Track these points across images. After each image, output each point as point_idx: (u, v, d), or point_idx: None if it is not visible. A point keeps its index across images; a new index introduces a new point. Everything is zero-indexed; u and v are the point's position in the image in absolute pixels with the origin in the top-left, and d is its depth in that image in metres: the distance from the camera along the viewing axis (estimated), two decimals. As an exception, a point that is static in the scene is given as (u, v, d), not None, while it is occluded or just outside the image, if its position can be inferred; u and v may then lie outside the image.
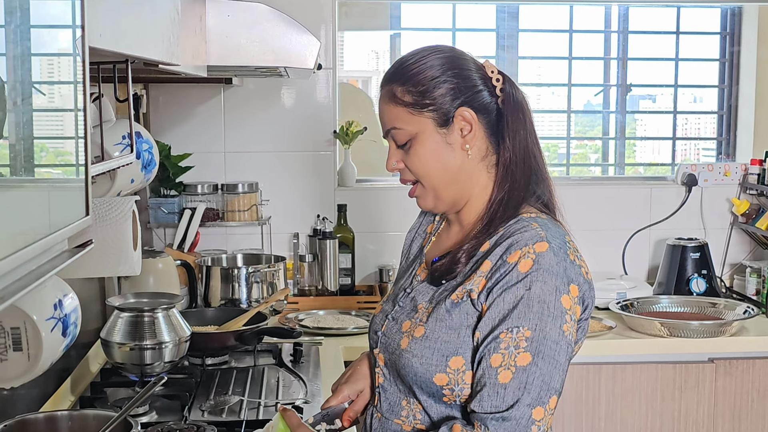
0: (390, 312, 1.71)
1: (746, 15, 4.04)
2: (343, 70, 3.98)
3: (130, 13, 1.43)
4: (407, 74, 1.63)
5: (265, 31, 2.14)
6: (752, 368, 3.16)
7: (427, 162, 1.62)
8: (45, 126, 1.10)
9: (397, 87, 1.63)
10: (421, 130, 1.61)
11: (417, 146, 1.62)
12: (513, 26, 3.96)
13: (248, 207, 3.56)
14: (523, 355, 1.48)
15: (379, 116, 1.70)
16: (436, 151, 1.62)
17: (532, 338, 1.48)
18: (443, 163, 1.62)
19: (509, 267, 1.52)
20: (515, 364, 1.48)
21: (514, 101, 1.65)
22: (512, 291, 1.51)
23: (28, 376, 1.65)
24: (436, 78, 1.61)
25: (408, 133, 1.62)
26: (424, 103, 1.61)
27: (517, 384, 1.47)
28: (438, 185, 1.64)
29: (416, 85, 1.61)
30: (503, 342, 1.49)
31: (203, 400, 2.39)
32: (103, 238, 1.88)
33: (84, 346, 2.65)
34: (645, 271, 3.85)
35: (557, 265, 1.52)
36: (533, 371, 1.48)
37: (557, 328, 1.50)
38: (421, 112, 1.61)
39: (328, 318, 3.28)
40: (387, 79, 1.66)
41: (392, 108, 1.63)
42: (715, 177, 3.82)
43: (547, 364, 1.49)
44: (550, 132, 4.16)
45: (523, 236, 1.55)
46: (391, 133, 1.65)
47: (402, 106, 1.62)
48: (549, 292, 1.50)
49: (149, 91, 3.52)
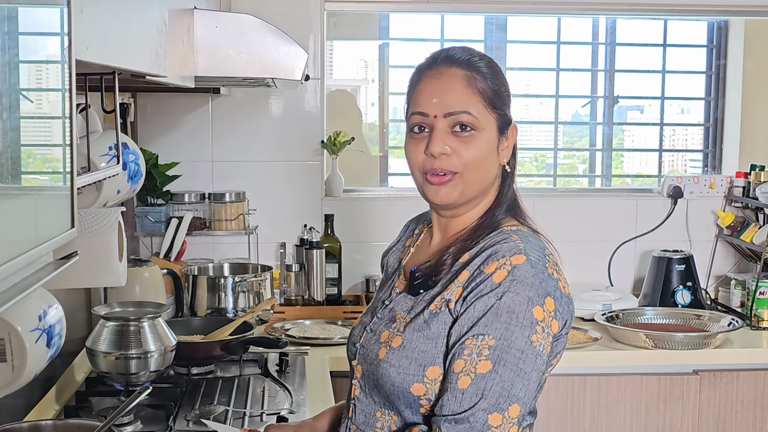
0: (368, 324, 1.71)
1: (732, 28, 4.07)
2: (332, 78, 3.99)
3: (117, 25, 1.43)
4: (491, 70, 1.64)
5: (253, 43, 2.15)
6: (737, 380, 3.17)
7: (480, 158, 1.62)
8: (32, 133, 1.10)
9: (478, 76, 1.62)
10: (487, 128, 1.62)
11: (479, 139, 1.61)
12: (501, 37, 3.98)
13: (235, 216, 3.56)
14: (483, 362, 1.48)
15: (436, 92, 1.61)
16: (489, 152, 1.63)
17: (495, 347, 1.49)
18: (488, 166, 1.64)
19: (485, 277, 1.53)
20: (475, 371, 1.48)
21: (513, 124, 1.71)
22: (483, 300, 1.51)
23: (12, 387, 1.65)
24: (504, 86, 1.66)
25: (477, 123, 1.61)
26: (498, 104, 1.63)
27: (474, 390, 1.48)
28: (473, 183, 1.63)
29: (497, 84, 1.64)
30: (467, 348, 1.50)
31: (188, 409, 2.39)
32: (88, 249, 1.88)
33: (69, 355, 2.64)
34: (630, 283, 3.86)
35: (533, 277, 1.52)
36: (492, 378, 1.48)
37: (524, 337, 1.49)
38: (492, 111, 1.63)
39: (315, 328, 3.28)
40: (465, 63, 1.63)
41: (470, 93, 1.61)
42: (700, 189, 3.84)
43: (509, 372, 1.48)
44: (538, 143, 4.18)
45: (502, 247, 1.56)
46: (459, 116, 1.60)
47: (480, 96, 1.61)
48: (520, 303, 1.50)
49: (137, 100, 3.52)
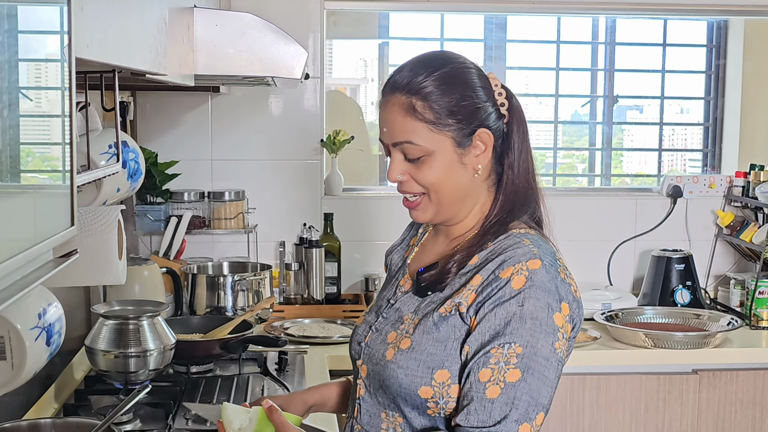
0: (374, 323, 1.70)
1: (732, 28, 4.06)
2: (332, 78, 3.98)
3: (117, 23, 1.43)
4: (439, 86, 1.55)
5: (253, 41, 2.15)
6: (736, 380, 3.17)
7: (440, 179, 1.57)
8: (32, 131, 1.10)
9: (418, 101, 1.54)
10: (439, 149, 1.56)
11: (431, 162, 1.56)
12: (501, 37, 3.98)
13: (235, 215, 3.55)
14: (512, 371, 1.47)
15: (384, 122, 1.59)
16: (449, 169, 1.57)
17: (522, 354, 1.47)
18: (454, 181, 1.58)
19: (501, 282, 1.51)
20: (504, 380, 1.47)
21: (518, 117, 1.63)
22: (504, 307, 1.49)
23: (11, 385, 1.65)
24: (463, 96, 1.56)
25: (423, 150, 1.55)
26: (446, 123, 1.55)
27: (504, 399, 1.46)
28: (445, 201, 1.60)
29: (440, 102, 1.54)
30: (493, 357, 1.48)
31: (187, 408, 2.39)
32: (88, 248, 1.87)
33: (68, 353, 2.64)
34: (630, 282, 3.86)
35: (549, 282, 1.51)
36: (522, 387, 1.46)
37: (549, 345, 1.49)
38: (442, 131, 1.55)
39: (314, 327, 3.28)
40: (405, 87, 1.56)
41: (409, 121, 1.55)
42: (700, 189, 3.83)
43: (537, 381, 1.48)
44: (538, 142, 4.18)
45: (516, 252, 1.54)
46: (403, 146, 1.57)
47: (422, 122, 1.54)
48: (541, 309, 1.49)
49: (137, 98, 3.52)
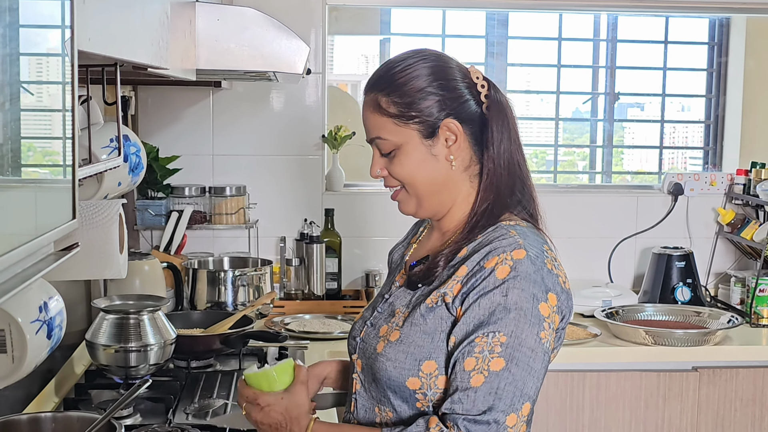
0: (369, 318, 1.72)
1: (734, 26, 4.06)
2: (333, 74, 3.98)
3: (119, 17, 1.43)
4: (393, 84, 1.60)
5: (255, 36, 2.14)
6: (736, 377, 3.17)
7: (412, 172, 1.62)
8: (33, 126, 1.10)
9: (382, 97, 1.61)
10: (406, 141, 1.60)
11: (402, 156, 1.61)
12: (502, 33, 3.97)
13: (236, 210, 3.55)
14: (497, 359, 1.48)
15: (363, 122, 1.68)
16: (421, 161, 1.61)
17: (507, 344, 1.48)
18: (428, 173, 1.62)
19: (486, 272, 1.52)
20: (488, 369, 1.48)
21: (498, 109, 1.63)
22: (489, 297, 1.51)
23: (12, 378, 1.65)
24: (422, 89, 1.59)
25: (392, 144, 1.61)
26: (409, 115, 1.59)
27: (488, 388, 1.47)
28: (422, 194, 1.64)
29: (402, 96, 1.60)
30: (477, 346, 1.49)
31: (188, 403, 2.39)
32: (89, 241, 1.87)
33: (69, 347, 2.64)
34: (630, 280, 3.86)
35: (534, 273, 1.52)
36: (505, 377, 1.48)
37: (534, 335, 1.50)
38: (407, 124, 1.60)
39: (314, 322, 3.28)
40: (371, 86, 1.64)
41: (377, 118, 1.62)
42: (701, 186, 3.83)
43: (521, 371, 1.49)
44: (538, 139, 4.18)
45: (501, 243, 1.55)
46: (376, 141, 1.64)
47: (387, 117, 1.60)
48: (526, 299, 1.50)
49: (138, 93, 3.52)
